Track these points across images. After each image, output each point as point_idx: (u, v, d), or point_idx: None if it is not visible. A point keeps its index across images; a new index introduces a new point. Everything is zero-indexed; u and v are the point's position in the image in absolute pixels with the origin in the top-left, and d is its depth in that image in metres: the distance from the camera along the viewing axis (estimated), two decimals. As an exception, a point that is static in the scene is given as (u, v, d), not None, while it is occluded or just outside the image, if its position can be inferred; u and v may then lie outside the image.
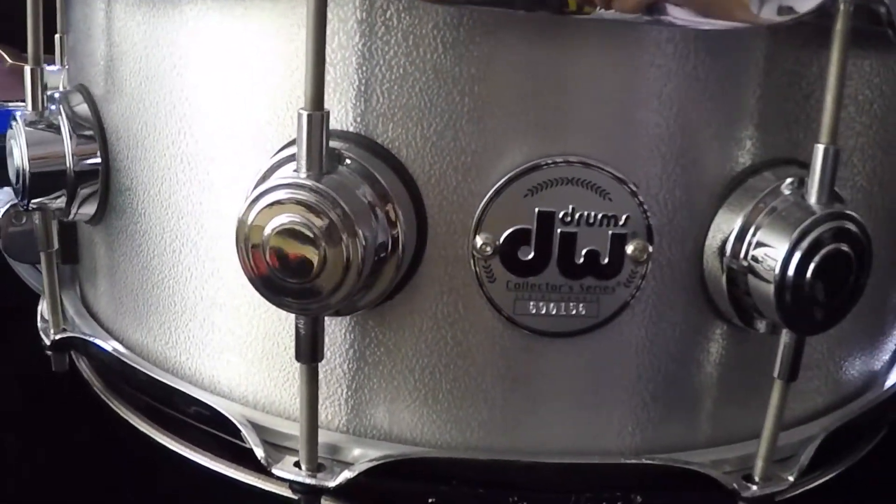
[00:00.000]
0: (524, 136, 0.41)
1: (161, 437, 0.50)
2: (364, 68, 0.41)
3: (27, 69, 0.50)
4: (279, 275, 0.39)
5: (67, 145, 0.50)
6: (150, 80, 0.47)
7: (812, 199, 0.41)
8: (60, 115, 0.50)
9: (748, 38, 0.43)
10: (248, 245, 0.39)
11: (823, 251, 0.41)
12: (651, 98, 0.42)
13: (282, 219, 0.38)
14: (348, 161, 0.41)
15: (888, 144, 0.49)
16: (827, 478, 0.51)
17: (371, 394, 0.45)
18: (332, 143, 0.41)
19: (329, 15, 0.39)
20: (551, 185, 0.41)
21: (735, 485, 0.45)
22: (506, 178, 0.41)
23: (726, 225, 0.43)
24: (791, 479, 0.46)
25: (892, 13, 0.41)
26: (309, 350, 0.42)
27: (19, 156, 0.49)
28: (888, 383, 0.56)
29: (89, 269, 0.57)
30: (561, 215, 0.41)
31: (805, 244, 0.40)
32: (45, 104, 0.51)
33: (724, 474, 0.45)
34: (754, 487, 0.45)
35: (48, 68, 0.52)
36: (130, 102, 0.48)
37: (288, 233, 0.38)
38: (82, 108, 0.51)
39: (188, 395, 0.47)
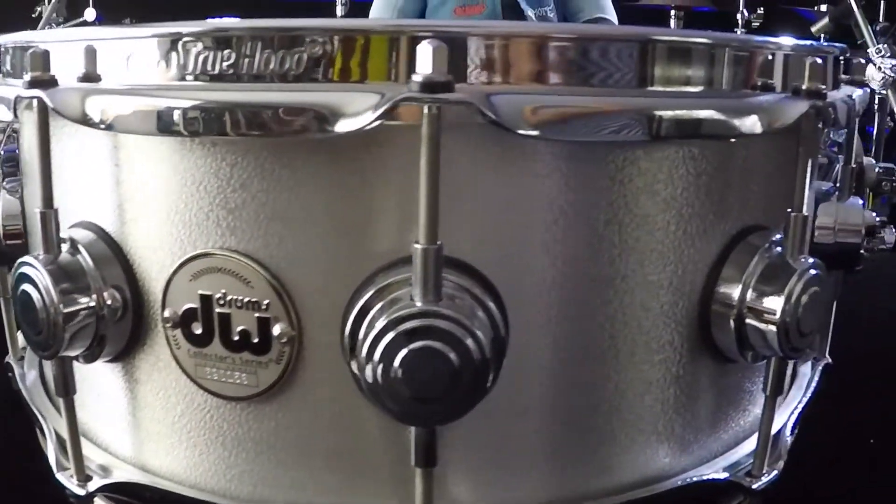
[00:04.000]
0: (189, 231, 0.50)
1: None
2: (100, 176, 0.53)
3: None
4: (26, 330, 0.53)
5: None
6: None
7: (416, 294, 0.44)
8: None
9: (399, 134, 0.46)
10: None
11: (411, 346, 0.43)
12: (301, 194, 0.48)
13: (23, 288, 0.52)
14: (81, 249, 0.53)
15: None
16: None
17: (134, 429, 0.57)
18: (77, 234, 0.53)
19: (72, 136, 0.53)
20: (207, 272, 0.50)
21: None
22: (177, 264, 0.50)
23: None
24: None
25: (497, 113, 0.43)
26: (61, 387, 0.54)
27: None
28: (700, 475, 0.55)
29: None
30: (217, 297, 0.49)
31: (391, 336, 0.43)
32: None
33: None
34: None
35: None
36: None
37: (25, 299, 0.52)
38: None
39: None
